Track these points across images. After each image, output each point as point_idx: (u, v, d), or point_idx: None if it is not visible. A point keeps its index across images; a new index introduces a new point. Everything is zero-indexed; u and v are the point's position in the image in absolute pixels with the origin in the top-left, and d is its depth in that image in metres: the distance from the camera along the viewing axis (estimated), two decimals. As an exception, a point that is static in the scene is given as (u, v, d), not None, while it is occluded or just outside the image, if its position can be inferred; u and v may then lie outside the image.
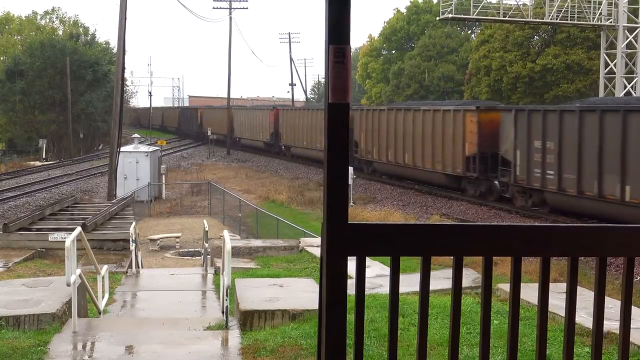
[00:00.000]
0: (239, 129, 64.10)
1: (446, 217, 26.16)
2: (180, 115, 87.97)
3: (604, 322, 2.95)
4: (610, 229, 2.97)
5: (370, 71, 73.77)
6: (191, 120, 79.29)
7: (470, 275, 11.88)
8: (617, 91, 38.35)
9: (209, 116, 71.64)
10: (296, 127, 48.99)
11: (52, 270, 13.66)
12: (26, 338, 6.76)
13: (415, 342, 2.94)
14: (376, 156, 37.34)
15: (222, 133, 64.52)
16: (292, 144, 50.12)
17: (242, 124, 63.61)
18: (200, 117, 74.49)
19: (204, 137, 67.59)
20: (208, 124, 67.69)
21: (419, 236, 2.87)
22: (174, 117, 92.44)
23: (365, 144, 38.32)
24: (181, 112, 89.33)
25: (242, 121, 63.59)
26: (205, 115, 73.30)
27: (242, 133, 63.31)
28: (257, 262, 14.88)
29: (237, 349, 6.63)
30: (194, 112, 79.51)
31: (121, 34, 29.17)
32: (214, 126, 65.84)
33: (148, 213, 30.58)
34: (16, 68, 62.81)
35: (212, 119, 69.78)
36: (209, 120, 70.49)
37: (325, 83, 2.69)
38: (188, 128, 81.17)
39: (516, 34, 50.29)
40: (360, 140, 38.72)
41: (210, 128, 64.86)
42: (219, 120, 67.10)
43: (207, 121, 70.42)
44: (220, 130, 64.92)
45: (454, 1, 39.18)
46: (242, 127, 63.30)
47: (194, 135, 75.99)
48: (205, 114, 73.57)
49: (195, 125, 76.24)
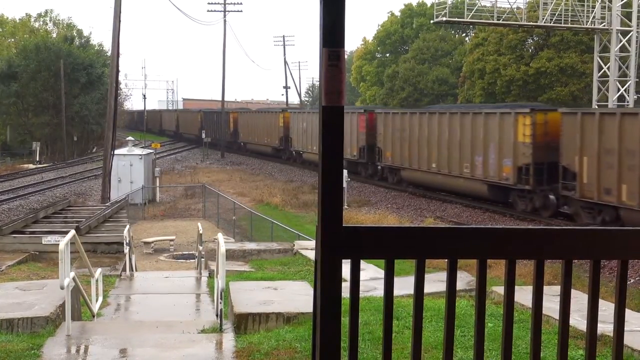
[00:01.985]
0: (244, 133, 60.88)
1: (440, 220, 26.19)
2: (179, 118, 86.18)
3: (597, 324, 2.96)
4: (604, 232, 2.97)
5: (365, 74, 73.86)
6: (192, 123, 77.21)
7: (465, 278, 11.89)
8: (611, 94, 38.48)
9: (207, 120, 69.80)
10: (310, 131, 45.13)
11: (45, 274, 13.63)
12: (19, 341, 6.74)
13: (410, 345, 2.94)
14: (404, 164, 33.63)
15: (226, 139, 61.92)
16: (305, 149, 46.34)
17: (247, 128, 60.27)
18: (201, 120, 72.00)
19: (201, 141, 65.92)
20: (208, 129, 66.00)
21: (414, 239, 2.87)
22: (170, 120, 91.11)
23: (392, 151, 34.67)
24: (179, 115, 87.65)
25: (248, 125, 60.23)
26: (206, 119, 70.97)
27: (248, 137, 59.86)
28: (252, 265, 14.87)
29: (232, 352, 6.62)
30: (195, 115, 77.36)
31: (115, 36, 29.12)
32: (215, 131, 63.84)
33: (142, 216, 30.52)
34: (10, 70, 62.61)
35: (210, 122, 68.01)
36: (208, 123, 68.71)
37: (320, 86, 2.69)
38: (187, 131, 79.09)
39: (510, 37, 50.43)
40: (385, 146, 35.47)
41: (204, 131, 63.72)
42: (222, 122, 64.26)
43: (207, 125, 68.53)
44: (224, 136, 62.04)
45: (448, 4, 39.27)
46: (248, 131, 59.90)
47: (194, 139, 72.52)
48: (204, 117, 71.60)
49: (195, 129, 73.16)
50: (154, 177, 36.40)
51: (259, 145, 57.00)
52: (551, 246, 2.91)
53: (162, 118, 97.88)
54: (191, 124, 77.39)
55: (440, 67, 62.38)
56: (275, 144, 52.66)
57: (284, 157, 51.51)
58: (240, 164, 54.57)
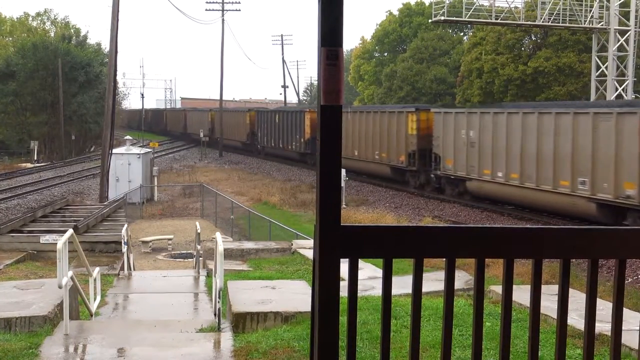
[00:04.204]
0: (262, 135, 53.88)
1: (438, 219, 26.19)
2: (186, 117, 78.44)
3: (595, 323, 2.96)
4: (602, 231, 2.98)
5: (363, 73, 73.83)
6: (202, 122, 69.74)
7: (463, 277, 11.89)
8: (609, 94, 38.50)
9: (219, 119, 63.49)
10: (346, 133, 37.23)
11: (43, 273, 13.62)
12: (17, 340, 6.74)
13: (408, 344, 2.94)
14: (471, 173, 27.95)
15: (239, 139, 57.78)
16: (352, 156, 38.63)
17: (265, 129, 52.69)
18: (212, 120, 66.95)
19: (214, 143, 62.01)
20: (218, 129, 61.73)
21: (412, 238, 2.87)
22: (177, 119, 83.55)
23: (454, 157, 28.93)
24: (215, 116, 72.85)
25: (266, 125, 52.30)
26: (217, 119, 64.98)
27: (266, 140, 52.91)
28: (250, 264, 14.87)
29: (230, 352, 6.62)
30: (205, 114, 70.99)
31: (113, 35, 29.10)
32: (225, 131, 59.80)
33: (140, 215, 30.50)
34: (8, 69, 62.56)
35: (221, 121, 62.15)
36: (218, 124, 63.04)
37: (318, 85, 2.69)
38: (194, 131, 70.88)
39: (508, 37, 50.43)
40: (444, 152, 29.79)
41: (219, 132, 59.54)
42: (234, 123, 59.63)
43: (219, 125, 63.08)
44: (238, 136, 57.85)
45: (446, 4, 39.27)
46: (266, 133, 52.71)
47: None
48: (216, 116, 65.80)
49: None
50: (152, 176, 36.39)
51: (279, 148, 50.06)
52: (549, 245, 2.91)
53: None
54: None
55: (439, 67, 62.37)
56: (300, 149, 45.23)
57: (311, 163, 44.51)
58: (238, 163, 54.53)
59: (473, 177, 27.97)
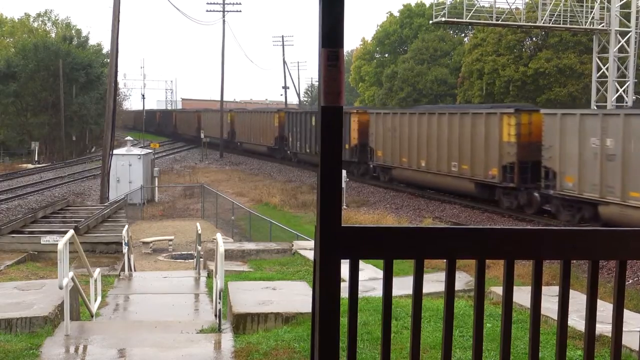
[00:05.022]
0: (293, 139, 47.68)
1: (439, 220, 26.19)
2: (200, 119, 71.40)
3: (596, 325, 2.96)
4: (603, 232, 2.98)
5: (364, 74, 73.86)
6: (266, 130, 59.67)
7: (463, 278, 11.89)
8: (609, 95, 38.50)
9: (240, 121, 59.57)
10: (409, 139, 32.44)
11: (44, 273, 13.62)
12: (18, 341, 6.74)
13: (409, 345, 2.94)
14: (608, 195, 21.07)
15: (265, 144, 52.70)
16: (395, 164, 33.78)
17: (298, 133, 46.67)
18: (232, 121, 61.93)
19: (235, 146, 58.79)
20: (240, 132, 58.06)
21: (412, 239, 2.87)
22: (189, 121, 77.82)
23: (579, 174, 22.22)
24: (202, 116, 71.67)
25: (299, 128, 46.42)
26: (237, 121, 60.70)
27: (299, 146, 46.46)
28: (250, 265, 14.87)
29: (230, 352, 6.62)
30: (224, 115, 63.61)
31: (114, 36, 29.11)
32: (246, 134, 55.63)
33: (141, 216, 30.51)
34: (9, 70, 62.59)
35: (243, 123, 58.09)
36: (239, 125, 59.29)
37: (319, 86, 2.69)
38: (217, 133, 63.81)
39: (509, 38, 50.45)
40: (560, 165, 23.25)
41: (242, 135, 55.90)
42: (256, 126, 54.34)
43: (238, 127, 59.61)
44: (263, 140, 52.61)
45: (447, 5, 39.27)
46: (298, 138, 46.51)
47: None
48: (236, 118, 61.61)
49: (225, 131, 61.54)
50: (153, 177, 36.40)
51: (310, 155, 44.93)
52: (550, 246, 2.91)
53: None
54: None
55: (439, 68, 62.39)
56: (352, 156, 38.79)
57: (358, 173, 38.44)
58: (239, 164, 54.51)
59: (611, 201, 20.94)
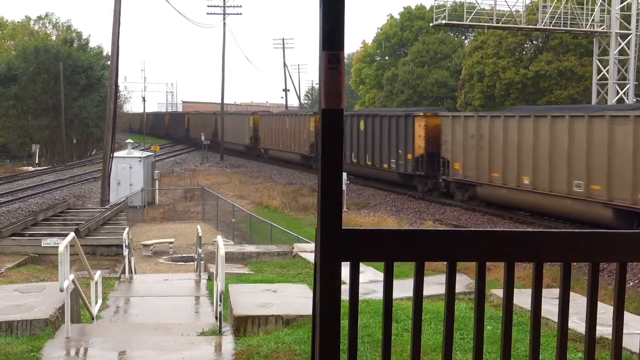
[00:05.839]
0: None
1: (439, 223, 26.17)
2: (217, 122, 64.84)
3: (596, 327, 2.96)
4: (603, 235, 2.98)
5: (364, 77, 73.85)
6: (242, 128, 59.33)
7: (464, 280, 11.89)
8: (610, 97, 38.49)
9: (266, 125, 54.31)
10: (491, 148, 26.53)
11: (45, 276, 13.62)
12: (19, 344, 6.73)
13: (409, 347, 2.94)
14: None
15: (298, 152, 46.38)
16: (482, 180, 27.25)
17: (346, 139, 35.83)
18: (255, 125, 56.54)
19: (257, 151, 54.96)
20: (266, 137, 53.18)
21: (413, 241, 2.87)
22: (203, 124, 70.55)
23: None
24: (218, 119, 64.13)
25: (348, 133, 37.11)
26: (262, 125, 55.44)
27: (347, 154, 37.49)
28: (251, 268, 14.86)
29: (231, 355, 6.62)
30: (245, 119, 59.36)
31: (115, 38, 29.13)
32: (273, 139, 50.55)
33: (141, 218, 30.52)
34: (9, 73, 62.63)
35: (267, 128, 53.36)
36: (265, 130, 54.13)
37: (320, 89, 2.69)
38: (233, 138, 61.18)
39: (509, 40, 50.44)
40: None
41: (267, 141, 51.75)
42: (286, 131, 48.31)
43: (263, 132, 54.59)
44: (297, 148, 46.32)
45: (447, 7, 39.28)
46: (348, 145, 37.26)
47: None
48: (260, 121, 56.05)
49: (247, 137, 57.68)
50: (153, 179, 36.43)
51: None
52: (550, 249, 2.91)
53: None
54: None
55: (440, 70, 62.40)
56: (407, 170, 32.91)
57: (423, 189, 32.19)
58: (239, 166, 54.51)
59: None
